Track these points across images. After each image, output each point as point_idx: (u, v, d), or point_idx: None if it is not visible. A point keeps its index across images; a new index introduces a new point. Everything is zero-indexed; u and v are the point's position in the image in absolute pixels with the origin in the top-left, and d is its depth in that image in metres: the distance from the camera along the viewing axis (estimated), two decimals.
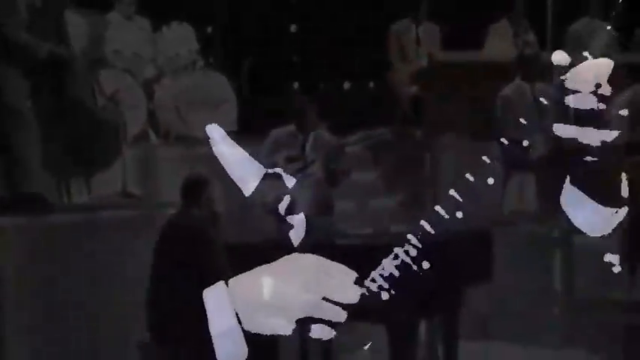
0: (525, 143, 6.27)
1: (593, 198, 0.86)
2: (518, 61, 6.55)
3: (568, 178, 0.89)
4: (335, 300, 0.92)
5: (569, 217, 0.85)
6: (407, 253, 0.92)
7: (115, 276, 4.73)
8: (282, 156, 5.65)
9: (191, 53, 6.96)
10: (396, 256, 0.93)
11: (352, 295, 0.92)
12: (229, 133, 6.53)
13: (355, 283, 0.94)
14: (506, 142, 5.81)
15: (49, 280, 4.72)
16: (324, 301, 0.91)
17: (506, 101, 6.38)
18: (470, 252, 4.53)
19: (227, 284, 0.91)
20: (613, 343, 5.06)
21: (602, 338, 5.10)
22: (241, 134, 6.91)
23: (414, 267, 0.92)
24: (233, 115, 6.85)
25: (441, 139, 6.60)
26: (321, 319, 0.91)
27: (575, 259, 5.69)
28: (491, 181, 0.89)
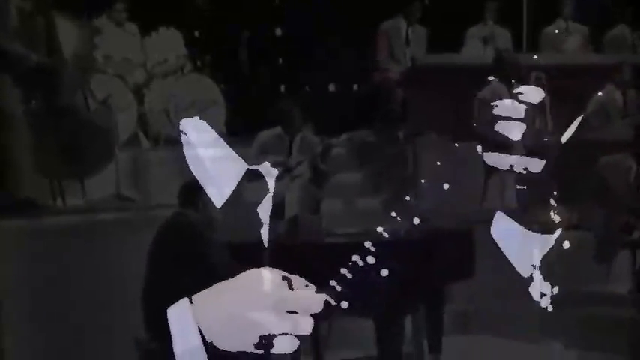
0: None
1: (523, 225, 0.87)
2: (495, 63, 6.66)
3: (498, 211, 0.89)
4: (300, 311, 0.89)
5: (502, 248, 0.86)
6: (364, 259, 0.88)
7: (111, 276, 4.85)
8: (269, 160, 5.79)
9: (179, 58, 7.09)
10: (355, 263, 0.90)
11: (316, 304, 0.90)
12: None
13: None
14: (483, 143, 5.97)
15: (46, 282, 4.83)
16: (289, 314, 0.89)
17: (483, 103, 6.54)
18: (453, 248, 4.70)
19: (191, 301, 0.90)
20: (592, 336, 5.23)
21: (579, 331, 5.27)
22: (229, 137, 7.07)
23: (372, 273, 0.91)
24: (221, 118, 6.99)
25: (424, 139, 6.76)
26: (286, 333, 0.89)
27: (553, 255, 5.87)
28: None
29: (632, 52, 7.66)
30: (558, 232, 0.87)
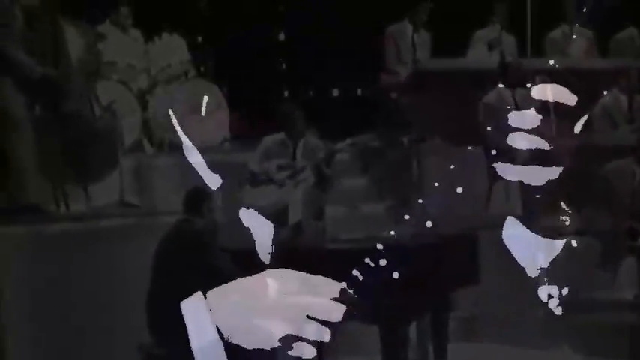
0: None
1: (533, 230, 0.86)
2: (500, 67, 6.66)
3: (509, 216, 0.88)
4: (318, 318, 0.88)
5: (511, 251, 0.85)
6: (376, 261, 0.87)
7: (115, 282, 4.84)
8: (273, 164, 5.79)
9: (182, 63, 7.09)
10: (366, 265, 0.89)
11: (336, 313, 0.88)
12: (222, 141, 6.70)
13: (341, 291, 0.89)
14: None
15: (50, 287, 4.82)
16: (308, 320, 0.87)
17: (488, 107, 6.52)
18: (457, 255, 4.68)
19: (205, 296, 0.89)
20: (597, 342, 5.21)
21: (586, 338, 5.25)
22: (233, 142, 7.06)
23: (384, 276, 0.89)
24: (225, 123, 6.98)
25: (428, 144, 6.74)
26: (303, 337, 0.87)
27: (558, 261, 5.86)
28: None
29: (637, 56, 7.63)
30: (564, 239, 0.86)
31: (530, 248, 0.84)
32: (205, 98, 6.85)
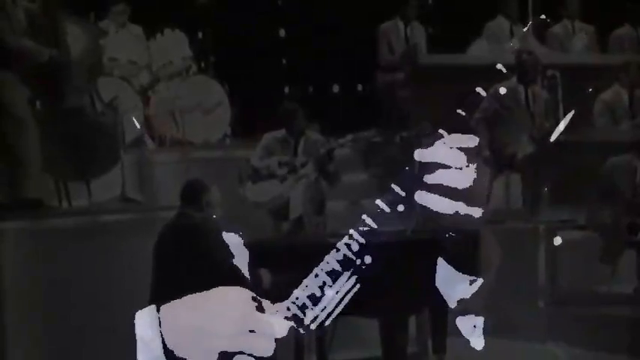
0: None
1: (463, 272, 0.83)
2: (518, 62, 6.56)
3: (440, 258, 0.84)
4: (263, 334, 0.89)
5: (445, 298, 0.82)
6: (349, 247, 0.85)
7: (116, 277, 4.87)
8: (274, 160, 5.81)
9: (184, 60, 7.11)
10: (337, 250, 0.87)
11: (280, 329, 0.90)
12: (223, 137, 6.69)
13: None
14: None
15: (51, 283, 4.85)
16: (250, 334, 0.89)
17: (495, 99, 6.46)
18: (457, 249, 4.69)
19: (158, 309, 0.89)
20: (596, 336, 5.23)
21: (585, 331, 5.27)
22: (234, 138, 7.09)
23: (357, 261, 0.85)
24: (226, 119, 7.01)
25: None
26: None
27: (559, 255, 5.89)
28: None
29: (638, 51, 7.64)
30: (480, 280, 0.83)
31: (452, 282, 0.82)
32: (206, 95, 6.88)
